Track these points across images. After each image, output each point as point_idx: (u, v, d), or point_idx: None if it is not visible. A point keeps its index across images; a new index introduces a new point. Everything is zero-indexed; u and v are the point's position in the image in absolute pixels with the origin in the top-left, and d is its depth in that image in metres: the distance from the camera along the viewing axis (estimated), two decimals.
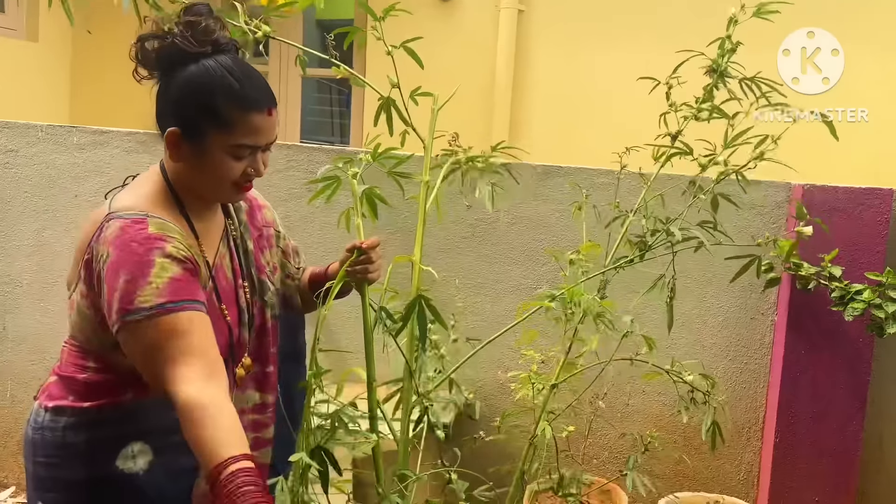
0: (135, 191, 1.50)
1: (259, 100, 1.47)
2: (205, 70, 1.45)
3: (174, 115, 1.47)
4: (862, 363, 2.78)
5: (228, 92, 1.44)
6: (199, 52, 1.46)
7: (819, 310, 2.73)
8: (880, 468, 2.96)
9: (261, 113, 1.47)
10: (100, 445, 1.49)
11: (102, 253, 1.40)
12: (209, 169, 1.48)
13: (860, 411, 2.81)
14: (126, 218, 1.42)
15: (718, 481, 3.01)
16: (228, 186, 1.51)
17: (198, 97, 1.45)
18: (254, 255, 1.65)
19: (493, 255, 2.98)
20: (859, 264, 2.70)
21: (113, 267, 1.38)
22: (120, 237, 1.40)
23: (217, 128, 1.45)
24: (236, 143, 1.46)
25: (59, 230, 3.04)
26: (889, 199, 2.74)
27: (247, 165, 1.49)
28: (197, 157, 1.47)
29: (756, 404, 2.97)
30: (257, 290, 1.64)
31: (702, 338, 2.95)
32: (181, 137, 1.46)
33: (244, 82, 1.46)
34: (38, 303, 3.08)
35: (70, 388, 1.52)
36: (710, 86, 1.74)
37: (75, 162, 3.01)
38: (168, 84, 1.49)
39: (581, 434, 2.83)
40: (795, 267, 2.68)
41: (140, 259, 1.38)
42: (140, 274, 1.37)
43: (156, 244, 1.40)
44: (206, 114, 1.44)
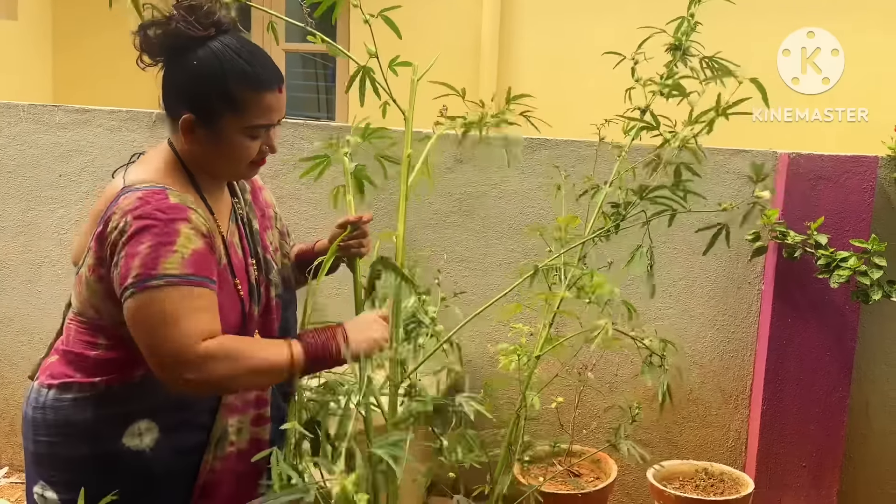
0: (148, 166, 1.50)
1: (270, 79, 1.48)
2: (212, 54, 1.45)
3: (185, 101, 1.47)
4: (848, 330, 2.81)
5: (240, 74, 1.45)
6: (204, 35, 1.45)
7: (805, 278, 2.75)
8: (867, 433, 2.99)
9: (272, 92, 1.48)
10: (106, 422, 1.49)
11: (120, 223, 1.39)
12: (226, 151, 1.49)
13: (846, 378, 2.84)
14: (144, 189, 1.42)
15: (707, 449, 3.05)
16: (245, 165, 1.53)
17: (210, 82, 1.45)
18: (259, 234, 1.67)
19: (480, 229, 2.98)
20: (845, 232, 2.72)
21: (134, 234, 1.37)
22: (141, 206, 1.39)
23: (231, 110, 1.45)
24: (252, 125, 1.47)
25: (45, 210, 3.02)
26: (874, 167, 2.75)
27: (262, 143, 1.51)
28: (213, 140, 1.48)
29: (743, 373, 2.99)
30: (263, 269, 1.65)
31: (689, 308, 2.97)
32: (196, 123, 1.46)
33: (253, 62, 1.47)
34: (25, 283, 3.07)
35: (77, 365, 1.51)
36: (671, 63, 1.78)
37: (59, 141, 2.99)
38: (175, 70, 1.48)
39: (571, 404, 2.86)
40: (781, 235, 2.70)
41: (165, 227, 1.38)
42: (166, 241, 1.37)
43: (180, 213, 1.40)
44: (220, 98, 1.45)
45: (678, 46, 1.75)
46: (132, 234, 1.38)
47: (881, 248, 2.59)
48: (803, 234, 2.68)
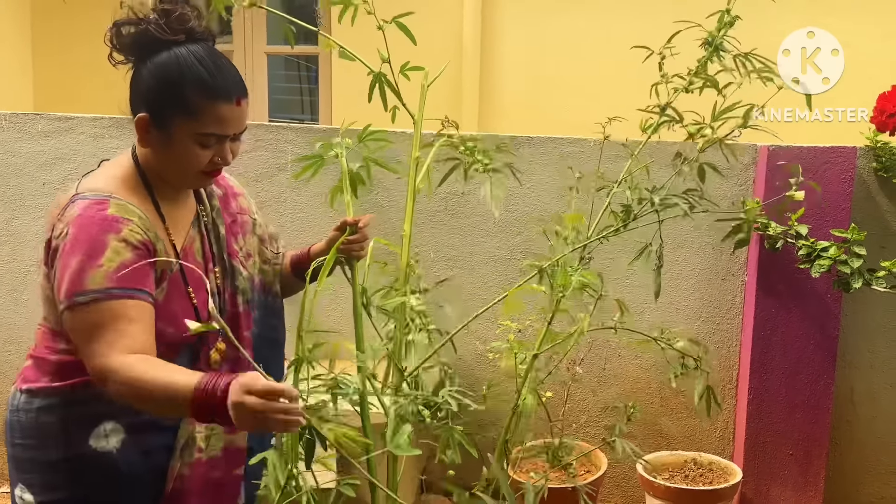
0: (103, 173, 1.52)
1: (227, 89, 1.47)
2: (175, 58, 1.46)
3: (144, 102, 1.48)
4: (831, 319, 2.85)
5: (196, 80, 1.45)
6: (172, 39, 1.46)
7: (787, 268, 2.78)
8: (852, 420, 3.04)
9: (228, 103, 1.47)
10: (72, 425, 1.51)
11: (62, 231, 1.42)
12: (176, 156, 1.49)
13: (830, 366, 2.88)
14: (89, 199, 1.44)
15: (695, 440, 3.08)
16: (194, 174, 1.52)
17: (166, 84, 1.46)
18: (226, 240, 1.66)
19: (466, 227, 3.00)
20: (825, 222, 2.75)
21: (69, 246, 1.40)
22: (80, 216, 1.41)
23: (183, 115, 1.45)
24: (202, 132, 1.47)
25: (28, 219, 3.01)
26: (853, 157, 2.79)
27: (213, 154, 1.50)
28: (164, 143, 1.48)
29: (729, 363, 3.03)
30: (228, 275, 1.64)
31: (675, 300, 3.00)
32: (149, 123, 1.48)
33: (213, 71, 1.47)
34: (10, 292, 3.06)
35: (43, 369, 1.54)
36: (704, 58, 1.73)
37: (41, 150, 2.98)
38: (140, 70, 1.50)
39: (560, 399, 2.88)
40: (763, 227, 2.73)
41: (94, 240, 1.40)
42: (93, 255, 1.39)
43: (112, 226, 1.41)
44: (173, 101, 1.45)
45: (712, 42, 1.70)
46: (67, 245, 1.40)
47: (861, 237, 2.62)
48: (784, 225, 2.71)
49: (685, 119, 1.72)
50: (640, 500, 2.99)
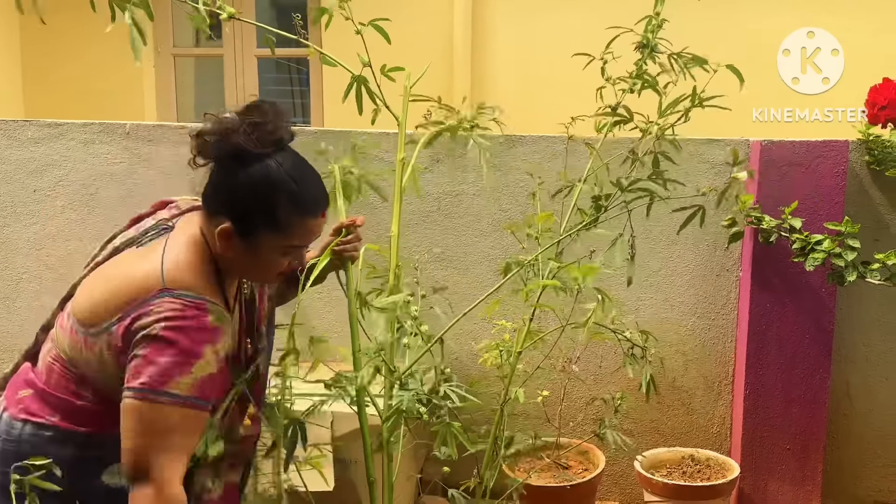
0: (184, 261, 1.46)
1: (316, 205, 1.48)
2: (266, 172, 1.42)
3: (228, 210, 1.44)
4: (825, 312, 2.85)
5: (289, 198, 1.43)
6: (262, 153, 1.42)
7: (781, 262, 2.78)
8: (849, 413, 3.04)
9: (317, 218, 1.48)
10: (85, 461, 1.47)
11: (150, 325, 1.37)
12: (257, 264, 1.49)
13: (826, 359, 2.88)
14: (187, 299, 1.39)
15: (692, 436, 3.08)
16: (273, 277, 1.55)
17: (255, 199, 1.43)
18: (257, 306, 1.64)
19: (459, 227, 3.00)
20: (819, 215, 2.75)
21: (161, 343, 1.36)
22: (177, 320, 1.37)
23: (272, 230, 1.44)
24: (290, 245, 1.48)
25: (20, 226, 2.99)
26: (845, 151, 2.79)
27: (292, 258, 1.52)
28: (248, 252, 1.47)
29: (725, 359, 3.03)
30: (256, 341, 1.63)
31: (669, 297, 3.00)
32: (234, 233, 1.44)
33: (303, 186, 1.45)
34: (3, 300, 3.04)
35: (59, 409, 1.49)
36: (640, 61, 1.81)
37: (31, 157, 2.96)
38: (224, 175, 1.45)
39: (556, 398, 2.87)
40: (757, 221, 2.73)
41: (192, 347, 1.37)
42: (185, 361, 1.36)
43: (213, 337, 1.39)
44: (264, 217, 1.43)
45: (646, 44, 1.79)
46: (159, 342, 1.37)
47: (854, 229, 2.62)
48: (778, 218, 2.71)
49: (635, 118, 1.82)
50: (639, 498, 2.98)
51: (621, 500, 3.14)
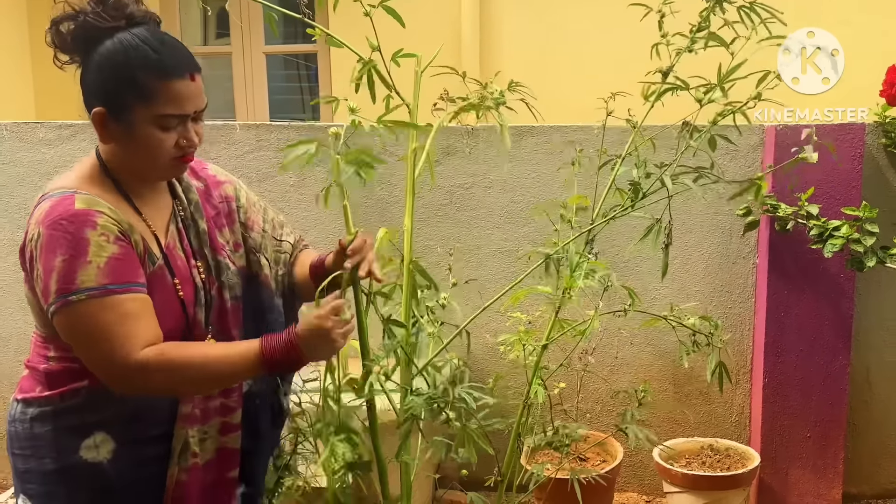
0: (69, 173, 1.48)
1: (178, 65, 1.43)
2: (118, 43, 1.42)
3: (96, 95, 1.44)
4: (844, 299, 2.81)
5: (145, 61, 1.40)
6: (113, 26, 1.42)
7: (799, 249, 2.75)
8: (869, 400, 3.01)
9: (182, 79, 1.42)
10: (63, 435, 1.49)
11: (33, 233, 1.39)
12: (139, 145, 1.44)
13: (846, 346, 2.85)
14: (55, 196, 1.40)
15: (711, 425, 3.05)
16: (165, 161, 1.46)
17: (115, 72, 1.41)
18: (208, 234, 1.60)
19: (472, 220, 2.98)
20: (836, 201, 2.72)
21: (46, 246, 1.36)
22: (49, 215, 1.38)
23: (139, 100, 1.40)
24: (161, 114, 1.42)
25: None
26: (862, 134, 2.75)
27: (178, 136, 1.45)
28: (125, 134, 1.43)
29: (743, 347, 3.00)
30: (213, 271, 1.59)
31: (685, 286, 2.97)
32: (107, 116, 1.43)
33: (161, 50, 1.42)
34: (19, 301, 3.05)
35: (36, 379, 1.52)
36: (706, 10, 1.60)
37: (43, 158, 2.97)
38: (87, 65, 1.45)
39: (573, 389, 2.86)
40: (773, 208, 2.70)
41: (73, 236, 1.36)
42: (77, 252, 1.35)
43: (86, 220, 1.38)
44: (126, 87, 1.40)
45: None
46: (44, 245, 1.37)
47: (873, 214, 2.59)
48: (794, 205, 2.68)
49: (690, 84, 1.59)
50: (658, 489, 2.96)
51: (640, 490, 3.13)
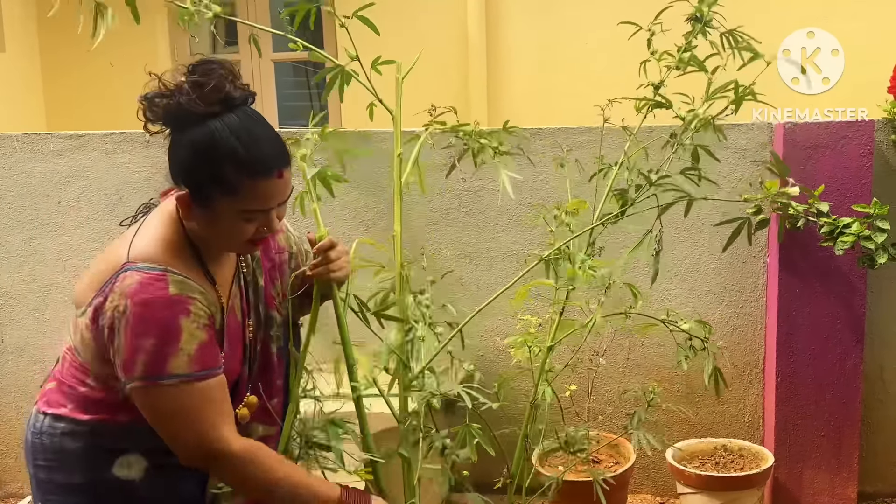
0: (151, 236, 1.46)
1: (266, 164, 1.40)
2: (210, 135, 1.39)
3: (183, 178, 1.43)
4: (857, 296, 2.80)
5: (234, 158, 1.38)
6: (207, 112, 1.39)
7: (810, 247, 2.74)
8: (884, 398, 2.99)
9: (269, 179, 1.41)
10: (97, 453, 1.50)
11: (119, 305, 1.37)
12: (220, 231, 1.45)
13: (859, 344, 2.83)
14: (145, 272, 1.39)
15: (724, 426, 3.04)
16: (241, 244, 1.49)
17: (203, 163, 1.40)
18: (264, 289, 1.61)
19: (480, 223, 2.98)
20: (846, 198, 2.71)
21: (134, 325, 1.36)
22: (140, 293, 1.37)
23: (225, 194, 1.40)
24: (246, 209, 1.42)
25: (46, 238, 3.02)
26: (871, 131, 2.74)
27: (259, 224, 1.46)
28: (208, 220, 1.44)
29: (755, 346, 2.99)
30: (263, 326, 1.61)
31: (696, 286, 2.96)
32: (192, 201, 1.43)
33: (251, 146, 1.39)
34: (33, 312, 3.08)
35: (69, 396, 1.51)
36: (691, 34, 1.68)
37: (55, 169, 2.99)
38: (177, 143, 1.44)
39: (584, 392, 2.85)
40: (783, 206, 2.68)
41: (167, 323, 1.37)
42: (169, 339, 1.37)
43: (180, 307, 1.38)
44: (213, 181, 1.39)
45: (699, 17, 1.64)
46: (132, 322, 1.36)
47: (884, 211, 2.57)
48: (804, 203, 2.66)
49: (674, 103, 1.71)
50: (672, 490, 2.95)
51: (654, 492, 3.12)
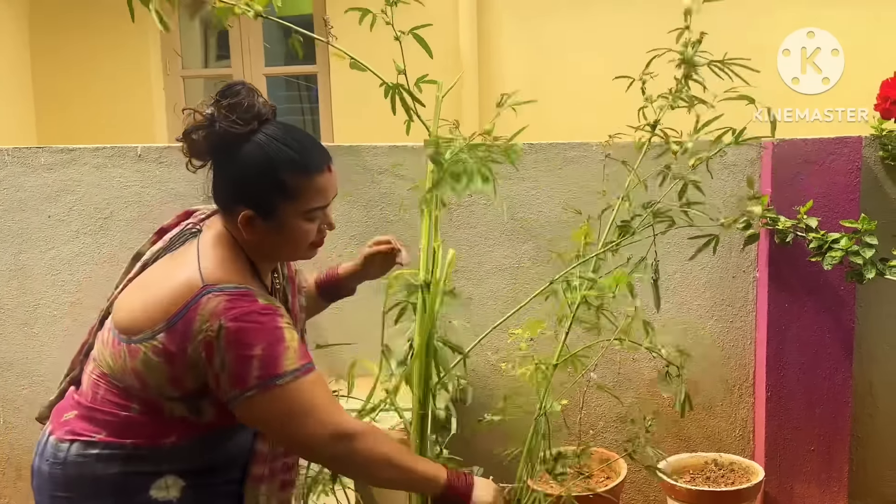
0: (219, 258, 1.50)
1: (318, 161, 1.50)
2: (259, 147, 1.47)
3: (241, 199, 1.48)
4: (845, 311, 2.82)
5: (289, 163, 1.47)
6: (248, 130, 1.47)
7: (799, 262, 2.76)
8: (873, 413, 3.00)
9: (322, 173, 1.50)
10: (133, 477, 1.48)
11: (213, 325, 1.39)
12: (288, 238, 1.52)
13: (848, 359, 2.85)
14: (229, 291, 1.43)
15: (715, 440, 3.05)
16: (305, 248, 1.56)
17: (261, 176, 1.47)
18: (291, 305, 1.69)
19: (472, 237, 2.99)
20: (834, 213, 2.73)
21: (239, 339, 1.39)
22: (232, 310, 1.40)
23: (287, 199, 1.48)
24: (308, 209, 1.50)
25: (36, 252, 3.01)
26: (859, 147, 2.77)
27: (320, 223, 1.54)
28: (274, 230, 1.50)
29: (745, 361, 3.00)
30: None
31: (686, 300, 2.97)
32: (254, 217, 1.48)
33: (300, 149, 1.49)
34: (21, 327, 3.06)
35: (104, 423, 1.49)
36: (682, 77, 1.77)
37: (45, 182, 2.98)
38: (225, 168, 1.50)
39: (576, 406, 2.85)
40: (772, 221, 2.71)
41: (270, 328, 1.42)
42: (275, 341, 1.41)
43: (276, 313, 1.44)
44: (274, 190, 1.47)
45: (686, 61, 1.74)
46: (236, 336, 1.39)
47: (871, 226, 2.60)
48: (793, 218, 2.69)
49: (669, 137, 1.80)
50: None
51: None
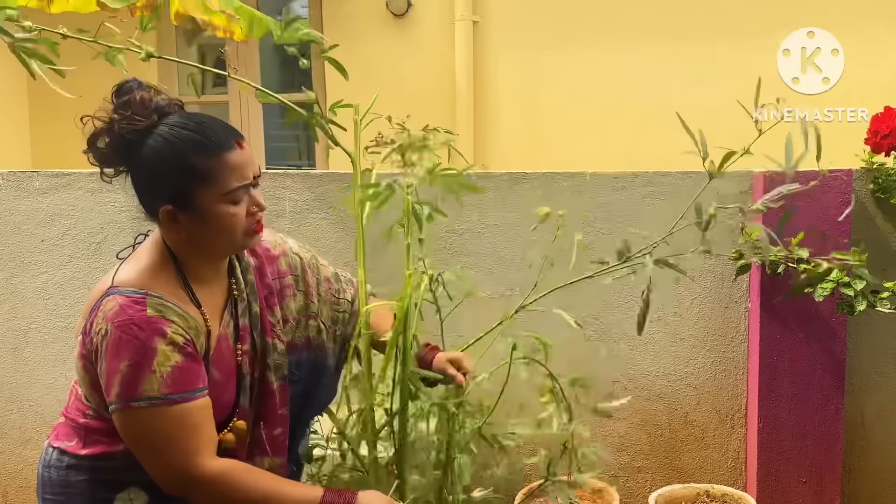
0: (136, 262, 1.50)
1: (225, 138, 1.46)
2: (161, 138, 1.44)
3: (157, 195, 1.46)
4: (837, 342, 2.82)
5: (194, 146, 1.43)
6: (148, 125, 1.44)
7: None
8: (865, 444, 3.00)
9: (232, 150, 1.45)
10: (98, 486, 1.52)
11: (101, 328, 1.41)
12: (214, 226, 1.46)
13: (839, 390, 2.85)
14: (125, 295, 1.42)
15: (707, 471, 3.04)
16: (240, 235, 1.50)
17: (170, 165, 1.43)
18: (260, 316, 1.61)
19: (466, 265, 2.99)
20: (826, 245, 2.74)
21: (113, 347, 1.39)
22: (118, 316, 1.40)
23: (203, 184, 1.43)
24: (228, 189, 1.45)
25: (28, 276, 3.01)
26: (850, 180, 2.79)
27: (248, 205, 1.48)
28: (198, 221, 1.46)
29: (737, 392, 3.00)
30: (259, 354, 1.60)
31: (678, 330, 2.98)
32: (175, 211, 1.45)
33: (202, 130, 1.45)
34: (12, 351, 3.04)
35: (74, 430, 1.56)
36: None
37: (39, 207, 2.99)
38: (134, 167, 1.47)
39: None
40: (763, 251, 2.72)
41: (141, 344, 1.39)
42: (142, 360, 1.38)
43: (157, 329, 1.40)
44: (186, 177, 1.43)
45: None
46: (111, 345, 1.39)
47: (862, 259, 2.61)
48: (785, 250, 2.70)
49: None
50: None
51: None
